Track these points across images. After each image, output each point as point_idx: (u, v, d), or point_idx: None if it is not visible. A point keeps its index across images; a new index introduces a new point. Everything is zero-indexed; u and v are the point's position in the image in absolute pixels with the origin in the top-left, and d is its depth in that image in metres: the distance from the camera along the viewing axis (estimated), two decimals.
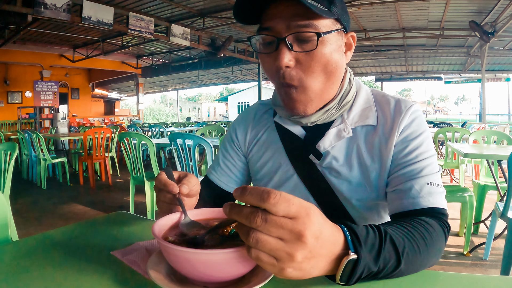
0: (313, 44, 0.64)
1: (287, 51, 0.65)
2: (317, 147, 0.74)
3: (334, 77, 0.71)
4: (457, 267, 2.21)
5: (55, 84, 11.00)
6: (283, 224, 0.38)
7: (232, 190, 0.88)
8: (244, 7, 0.68)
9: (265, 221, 0.38)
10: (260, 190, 0.39)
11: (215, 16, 8.46)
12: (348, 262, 0.43)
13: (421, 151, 0.69)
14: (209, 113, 41.13)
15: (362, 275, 0.45)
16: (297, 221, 0.39)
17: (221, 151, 0.92)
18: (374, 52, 12.22)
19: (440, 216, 0.63)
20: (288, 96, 0.70)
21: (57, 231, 0.72)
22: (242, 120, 0.90)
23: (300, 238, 0.39)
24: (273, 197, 0.38)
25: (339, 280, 0.45)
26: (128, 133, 3.19)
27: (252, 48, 0.71)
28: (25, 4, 5.89)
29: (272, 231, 0.38)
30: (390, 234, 0.50)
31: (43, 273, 0.53)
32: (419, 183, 0.66)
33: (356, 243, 0.45)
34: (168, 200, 0.60)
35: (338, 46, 0.69)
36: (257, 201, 0.39)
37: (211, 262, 0.43)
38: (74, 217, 3.51)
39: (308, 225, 0.39)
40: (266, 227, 0.38)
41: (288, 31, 0.64)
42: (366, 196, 0.73)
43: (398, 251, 0.49)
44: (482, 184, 2.69)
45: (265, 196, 0.38)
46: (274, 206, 0.38)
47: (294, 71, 0.67)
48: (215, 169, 0.90)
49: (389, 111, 0.73)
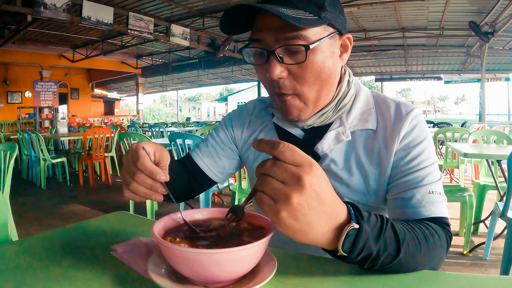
0: (302, 56, 0.63)
1: (277, 63, 0.64)
2: (315, 150, 0.73)
3: (329, 84, 0.70)
4: (457, 267, 2.21)
5: (55, 84, 11.01)
6: (287, 168, 0.42)
7: (212, 176, 0.87)
8: (231, 20, 0.66)
9: (272, 165, 0.43)
10: (273, 140, 0.44)
11: (215, 16, 8.45)
12: (350, 230, 0.45)
13: (422, 159, 0.68)
14: (209, 113, 41.11)
15: (363, 252, 0.47)
16: (299, 168, 0.42)
17: (211, 135, 0.90)
18: (374, 52, 12.22)
19: (443, 225, 0.63)
20: (283, 103, 0.69)
21: (57, 231, 0.72)
22: (240, 114, 0.89)
23: (299, 181, 0.41)
24: (282, 145, 0.43)
25: (340, 249, 0.46)
26: (128, 133, 3.19)
27: (243, 58, 0.70)
28: (24, 4, 5.89)
29: (277, 173, 0.42)
30: (391, 222, 0.52)
31: (43, 273, 0.53)
32: (421, 192, 0.65)
33: (358, 216, 0.47)
34: (147, 185, 0.55)
35: (331, 52, 0.67)
36: (269, 149, 0.44)
37: (211, 262, 0.43)
38: (74, 217, 3.51)
39: (309, 173, 0.42)
40: (272, 170, 0.43)
41: (277, 44, 0.63)
42: (365, 200, 0.72)
43: (399, 239, 0.50)
44: (482, 184, 2.69)
45: (276, 144, 0.43)
46: (281, 153, 0.43)
47: (287, 81, 0.66)
48: (201, 149, 0.88)
49: (389, 116, 0.72)
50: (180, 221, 0.56)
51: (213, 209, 0.59)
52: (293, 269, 0.53)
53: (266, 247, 0.48)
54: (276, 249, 0.58)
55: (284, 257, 0.55)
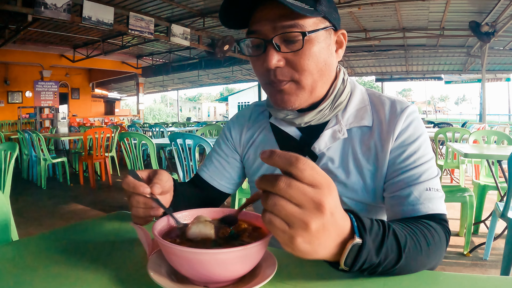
0: (299, 44, 0.65)
1: (274, 52, 0.65)
2: (313, 149, 0.74)
3: (324, 76, 0.70)
4: (457, 267, 2.21)
5: (55, 84, 11.00)
6: (305, 191, 0.38)
7: (223, 189, 0.88)
8: (230, 13, 0.68)
9: (288, 186, 0.38)
10: (289, 154, 0.38)
11: (215, 16, 8.45)
12: (353, 246, 0.43)
13: (419, 156, 0.68)
14: (209, 113, 41.11)
15: (364, 265, 0.45)
16: (319, 191, 0.38)
17: (214, 149, 0.91)
18: (374, 52, 12.21)
19: (441, 222, 0.63)
20: (280, 92, 0.70)
21: (57, 231, 0.72)
22: (237, 120, 0.90)
23: (319, 208, 0.38)
24: (302, 162, 0.38)
25: (343, 264, 0.44)
26: (128, 133, 3.19)
27: (241, 52, 0.71)
28: (25, 4, 5.89)
29: (293, 196, 0.38)
30: (393, 228, 0.50)
31: (43, 273, 0.53)
32: (418, 189, 0.65)
33: (361, 229, 0.45)
34: (142, 204, 0.58)
35: (327, 45, 0.69)
36: (285, 164, 0.38)
37: (212, 262, 0.43)
38: (74, 217, 3.51)
39: (328, 197, 0.39)
40: (288, 192, 0.38)
41: (274, 33, 0.65)
42: (362, 198, 0.72)
43: (400, 246, 0.49)
44: (482, 184, 2.69)
45: (294, 160, 0.38)
46: (302, 171, 0.38)
47: (285, 69, 0.67)
48: (208, 167, 0.89)
49: (384, 113, 0.72)
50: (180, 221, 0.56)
51: (213, 209, 0.59)
52: (293, 269, 0.53)
53: (266, 247, 0.48)
54: (276, 249, 0.58)
55: (284, 257, 0.55)
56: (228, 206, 2.75)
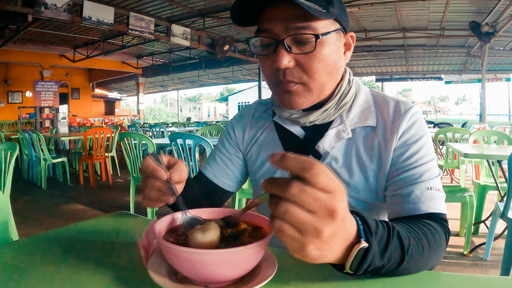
0: (311, 46, 0.64)
1: (285, 53, 0.65)
2: (317, 148, 0.74)
3: (333, 78, 0.71)
4: (457, 267, 2.21)
5: (56, 84, 11.00)
6: (319, 197, 0.36)
7: (227, 187, 0.88)
8: (241, 9, 0.68)
9: (301, 192, 0.36)
10: (303, 159, 0.37)
11: (215, 16, 8.45)
12: (359, 250, 0.43)
13: (421, 155, 0.68)
14: (210, 113, 41.11)
15: (369, 268, 0.45)
16: (332, 196, 0.37)
17: (217, 147, 0.91)
18: (375, 52, 12.21)
19: (441, 222, 0.63)
20: (287, 93, 0.69)
21: (57, 231, 0.72)
22: (240, 118, 0.90)
23: (332, 214, 0.37)
24: (317, 167, 0.36)
25: (348, 268, 0.44)
26: (128, 133, 3.19)
27: (250, 49, 0.71)
28: (25, 4, 5.89)
29: (306, 202, 0.36)
30: (397, 230, 0.50)
31: (43, 273, 0.53)
32: (420, 188, 0.65)
33: (367, 232, 0.44)
34: (157, 188, 0.57)
35: (337, 47, 0.69)
36: (299, 169, 0.36)
37: (211, 262, 0.43)
38: (74, 217, 3.51)
39: (341, 202, 0.38)
40: (300, 198, 0.36)
41: (286, 33, 0.64)
42: (365, 197, 0.73)
43: (404, 248, 0.49)
44: (482, 184, 2.69)
45: (308, 165, 0.36)
46: (316, 176, 0.36)
47: (294, 70, 0.67)
48: (211, 164, 0.89)
49: (388, 113, 0.73)
50: (180, 220, 0.56)
51: (213, 209, 0.59)
52: (293, 269, 0.53)
53: (266, 247, 0.48)
54: (276, 249, 0.58)
55: (284, 257, 0.55)
56: (228, 206, 2.74)
